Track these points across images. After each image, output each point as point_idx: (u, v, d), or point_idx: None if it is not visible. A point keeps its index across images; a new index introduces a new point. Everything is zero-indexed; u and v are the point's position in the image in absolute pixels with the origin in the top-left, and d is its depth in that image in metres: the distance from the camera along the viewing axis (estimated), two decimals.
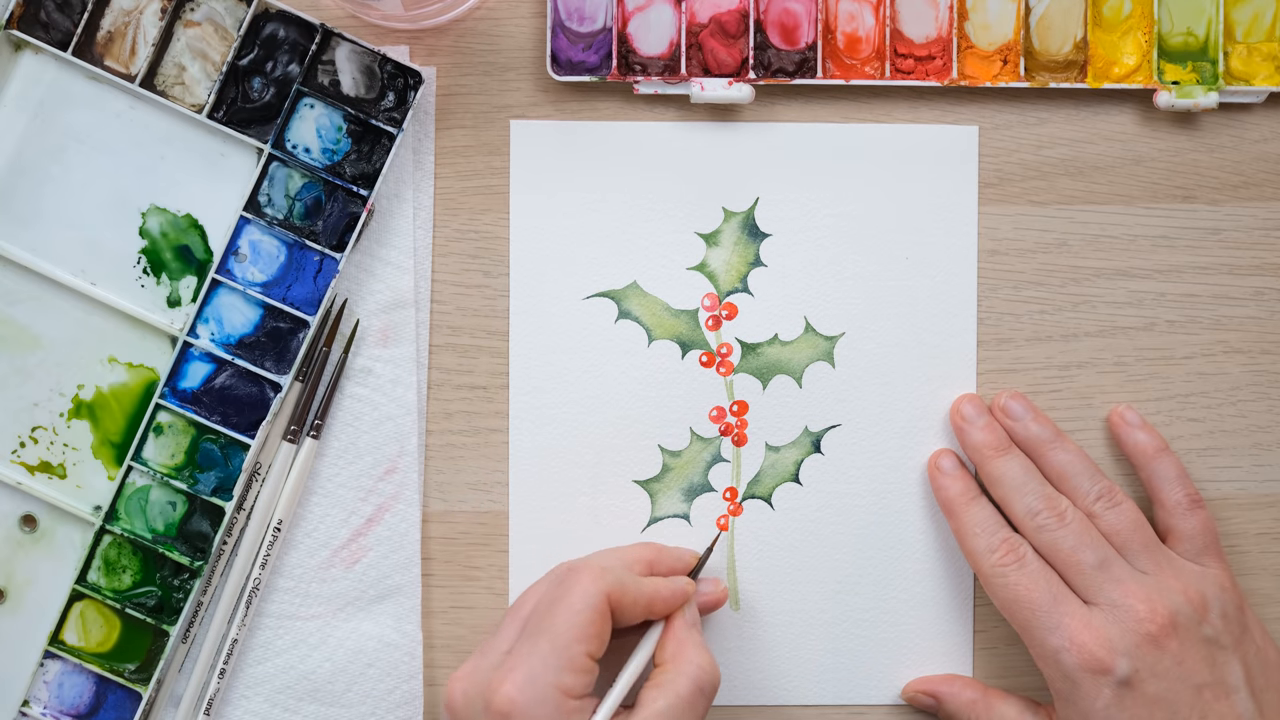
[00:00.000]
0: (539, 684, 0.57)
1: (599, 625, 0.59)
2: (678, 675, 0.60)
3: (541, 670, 0.58)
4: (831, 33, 0.68)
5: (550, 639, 0.58)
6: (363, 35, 0.67)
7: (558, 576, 0.62)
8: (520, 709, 0.57)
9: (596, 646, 0.59)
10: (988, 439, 0.66)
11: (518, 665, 0.58)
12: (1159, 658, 0.61)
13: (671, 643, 0.62)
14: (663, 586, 0.62)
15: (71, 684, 0.66)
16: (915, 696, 0.67)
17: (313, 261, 0.66)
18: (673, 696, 0.59)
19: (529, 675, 0.57)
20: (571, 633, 0.58)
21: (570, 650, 0.58)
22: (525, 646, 0.59)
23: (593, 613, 0.59)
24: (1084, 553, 0.63)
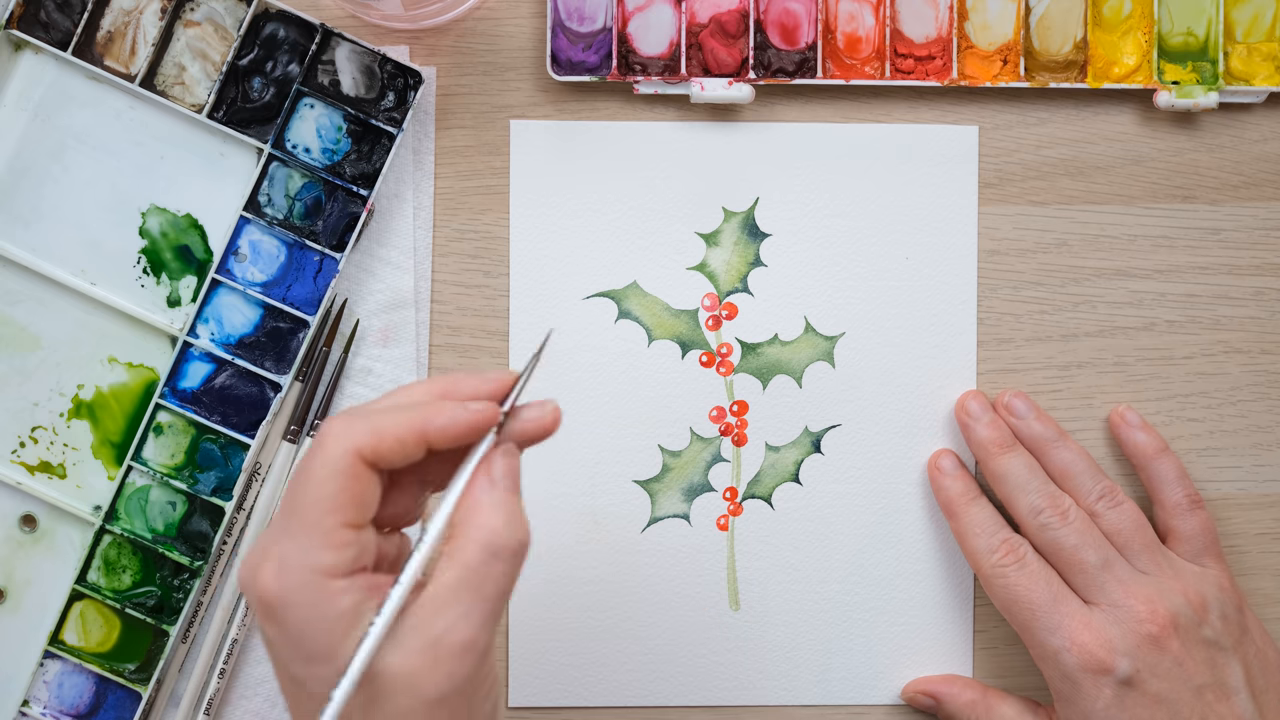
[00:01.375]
0: (293, 568, 0.49)
1: (352, 489, 0.49)
2: (466, 541, 0.50)
3: (294, 552, 0.49)
4: (831, 33, 0.68)
5: (299, 516, 0.49)
6: (363, 35, 0.67)
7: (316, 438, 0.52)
8: (280, 599, 0.49)
9: (355, 513, 0.50)
10: (992, 436, 0.66)
11: (270, 550, 0.49)
12: (1159, 658, 0.61)
13: (466, 499, 0.51)
14: (437, 414, 0.51)
15: (71, 684, 0.66)
16: (915, 697, 0.67)
17: (313, 261, 0.66)
18: (459, 567, 0.49)
19: (281, 561, 0.49)
20: (320, 505, 0.49)
21: (322, 525, 0.49)
22: (277, 527, 0.50)
23: (341, 478, 0.49)
24: (1086, 552, 0.63)
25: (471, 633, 0.49)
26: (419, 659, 0.48)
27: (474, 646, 0.49)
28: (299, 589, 0.48)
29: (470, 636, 0.49)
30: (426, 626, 0.49)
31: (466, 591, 0.49)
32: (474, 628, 0.49)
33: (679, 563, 0.68)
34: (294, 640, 0.49)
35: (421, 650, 0.48)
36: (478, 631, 0.49)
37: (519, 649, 0.68)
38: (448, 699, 0.49)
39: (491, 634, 0.50)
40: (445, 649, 0.49)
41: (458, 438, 0.51)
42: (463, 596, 0.49)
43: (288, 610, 0.48)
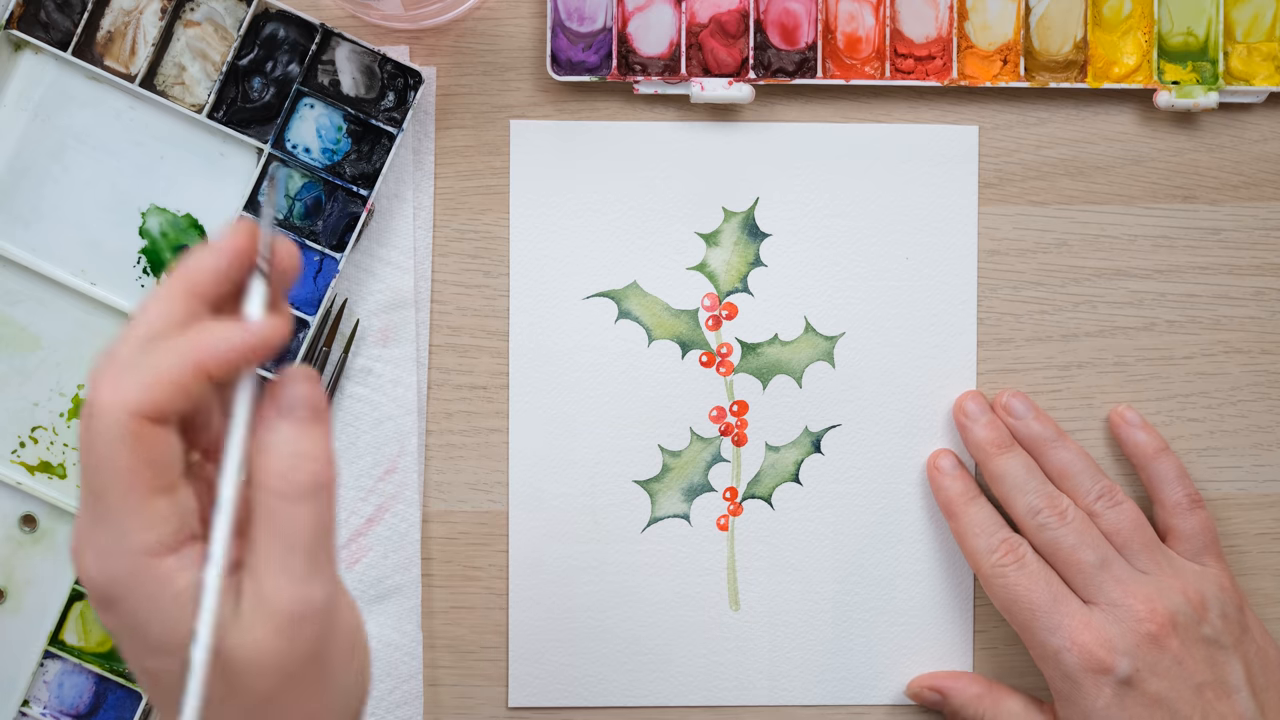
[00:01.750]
0: (114, 555, 0.43)
1: (144, 455, 0.43)
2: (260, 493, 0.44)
3: (109, 538, 0.43)
4: (831, 33, 0.68)
5: (100, 499, 0.43)
6: (363, 35, 0.67)
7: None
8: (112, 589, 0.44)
9: (157, 478, 0.43)
10: (990, 436, 0.66)
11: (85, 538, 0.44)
12: (1159, 657, 0.61)
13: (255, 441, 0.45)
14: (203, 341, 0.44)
15: (71, 684, 0.66)
16: (921, 692, 0.67)
17: (313, 261, 0.66)
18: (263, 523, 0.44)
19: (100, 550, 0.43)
20: (117, 483, 0.43)
21: (127, 503, 0.43)
22: (85, 514, 0.44)
23: (126, 447, 0.43)
24: (1084, 552, 0.63)
25: (297, 591, 0.43)
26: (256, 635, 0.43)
27: (305, 610, 0.43)
28: (127, 577, 0.43)
29: (296, 596, 0.43)
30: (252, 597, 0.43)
31: (276, 547, 0.44)
32: (297, 585, 0.43)
33: (679, 563, 0.68)
34: (136, 633, 0.44)
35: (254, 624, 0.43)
36: (302, 589, 0.43)
37: (519, 649, 0.68)
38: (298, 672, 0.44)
39: (326, 589, 0.44)
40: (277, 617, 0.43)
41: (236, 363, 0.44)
42: (275, 554, 0.43)
43: (122, 602, 0.43)
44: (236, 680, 0.43)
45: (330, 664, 0.45)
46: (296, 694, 0.44)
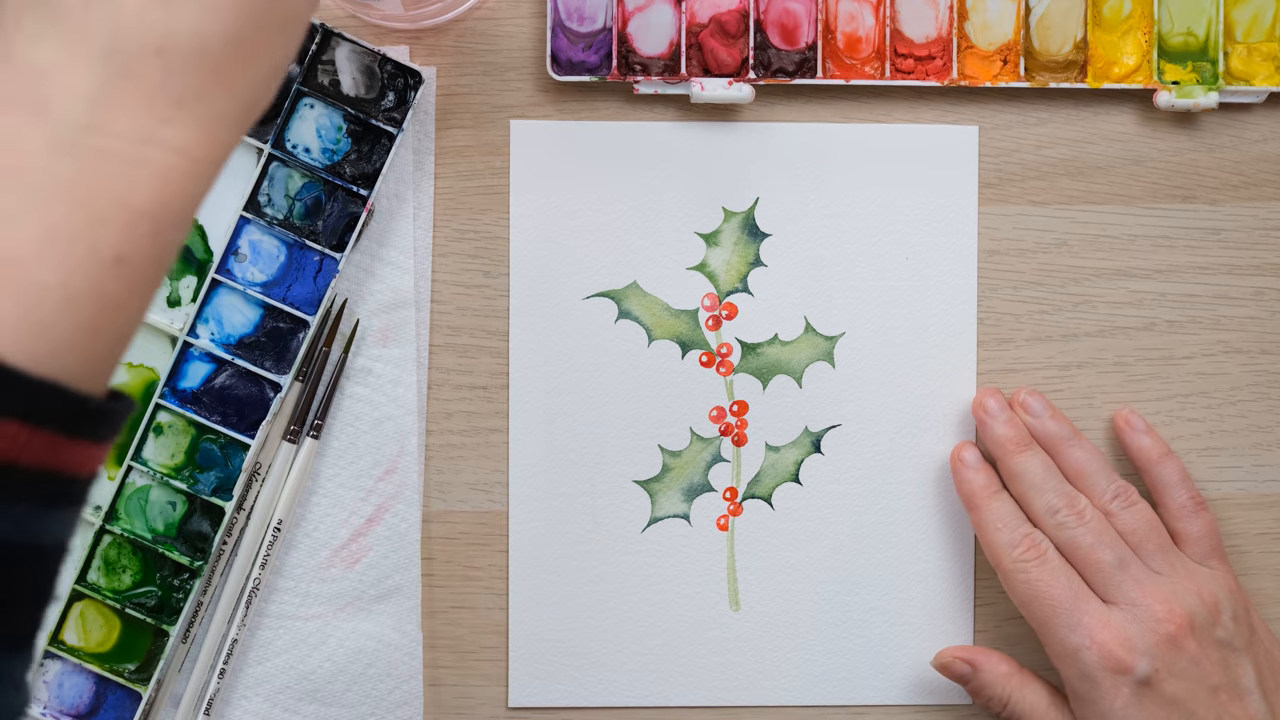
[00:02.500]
0: None
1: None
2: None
3: None
4: (831, 33, 0.68)
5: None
6: (363, 35, 0.67)
7: None
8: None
9: None
10: (1010, 434, 0.66)
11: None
12: (1177, 658, 0.61)
13: None
14: None
15: (71, 684, 0.66)
16: (951, 663, 0.66)
17: (313, 261, 0.66)
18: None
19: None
20: None
21: None
22: None
23: None
24: (1102, 551, 0.63)
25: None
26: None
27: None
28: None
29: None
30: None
31: None
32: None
33: (679, 563, 0.68)
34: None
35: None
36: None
37: (519, 649, 0.68)
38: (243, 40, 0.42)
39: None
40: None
41: None
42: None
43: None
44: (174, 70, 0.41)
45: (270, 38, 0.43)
46: None
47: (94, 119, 0.40)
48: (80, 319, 0.39)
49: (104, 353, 0.40)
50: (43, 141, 0.40)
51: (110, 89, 0.40)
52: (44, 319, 0.39)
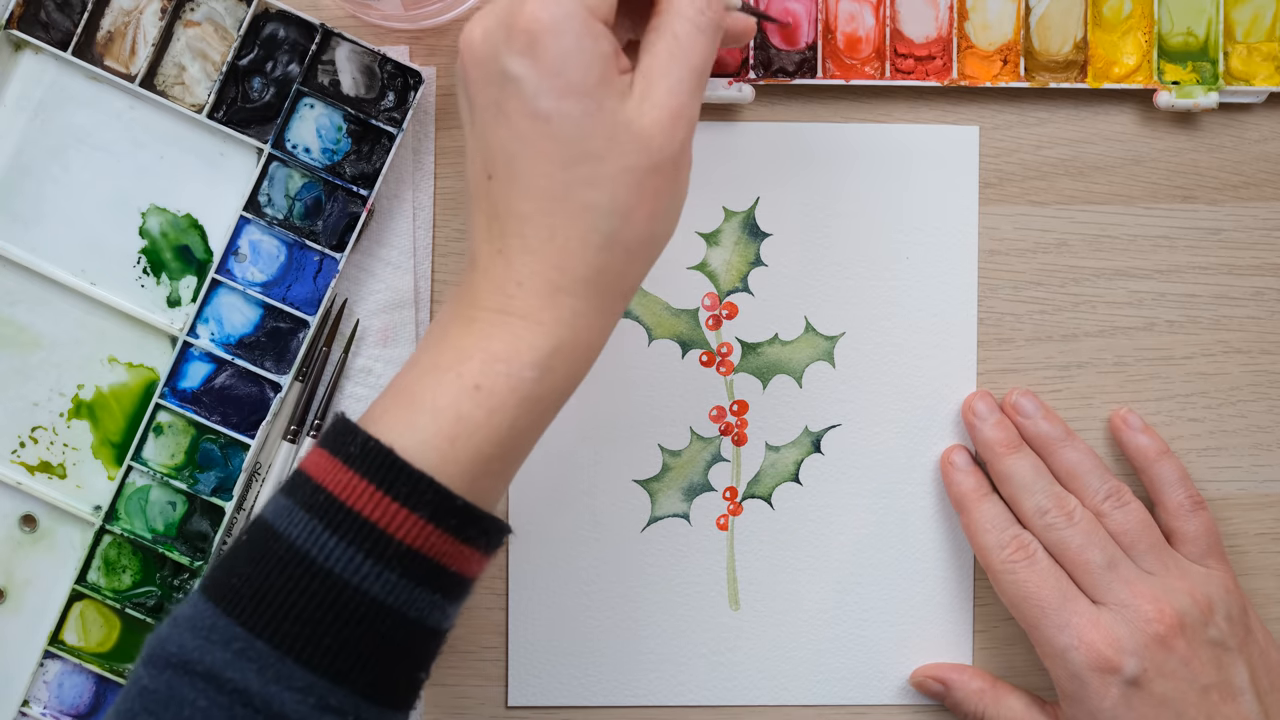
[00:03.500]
0: (562, 4, 0.52)
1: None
2: (672, 17, 0.54)
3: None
4: (831, 33, 0.68)
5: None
6: (363, 35, 0.67)
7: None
8: (546, 27, 0.52)
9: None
10: (999, 436, 0.66)
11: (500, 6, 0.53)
12: (1166, 658, 0.61)
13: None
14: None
15: (71, 684, 0.66)
16: (924, 682, 0.67)
17: (313, 261, 0.66)
18: (669, 39, 0.54)
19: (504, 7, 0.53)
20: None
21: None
22: None
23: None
24: (1092, 552, 0.63)
25: (684, 99, 0.53)
26: (645, 118, 0.52)
27: (686, 114, 0.53)
28: (568, 18, 0.52)
29: (683, 102, 0.53)
30: (647, 93, 0.53)
31: (677, 63, 0.53)
32: (685, 95, 0.53)
33: (679, 563, 0.68)
34: (554, 70, 0.52)
35: (649, 111, 0.53)
36: (688, 99, 0.53)
37: (519, 649, 0.68)
38: (665, 165, 0.53)
39: (698, 108, 0.54)
40: (667, 112, 0.53)
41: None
42: (675, 68, 0.53)
43: (556, 38, 0.52)
44: (625, 146, 0.52)
45: (682, 171, 0.54)
46: (659, 182, 0.53)
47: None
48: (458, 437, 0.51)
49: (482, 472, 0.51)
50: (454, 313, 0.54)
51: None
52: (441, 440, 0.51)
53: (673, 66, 0.53)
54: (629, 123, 0.52)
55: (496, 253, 0.53)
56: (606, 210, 0.52)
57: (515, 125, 0.52)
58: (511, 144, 0.52)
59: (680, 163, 0.54)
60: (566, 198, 0.52)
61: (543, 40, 0.52)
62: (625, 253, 0.53)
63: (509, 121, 0.52)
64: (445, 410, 0.51)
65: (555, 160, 0.52)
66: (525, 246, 0.52)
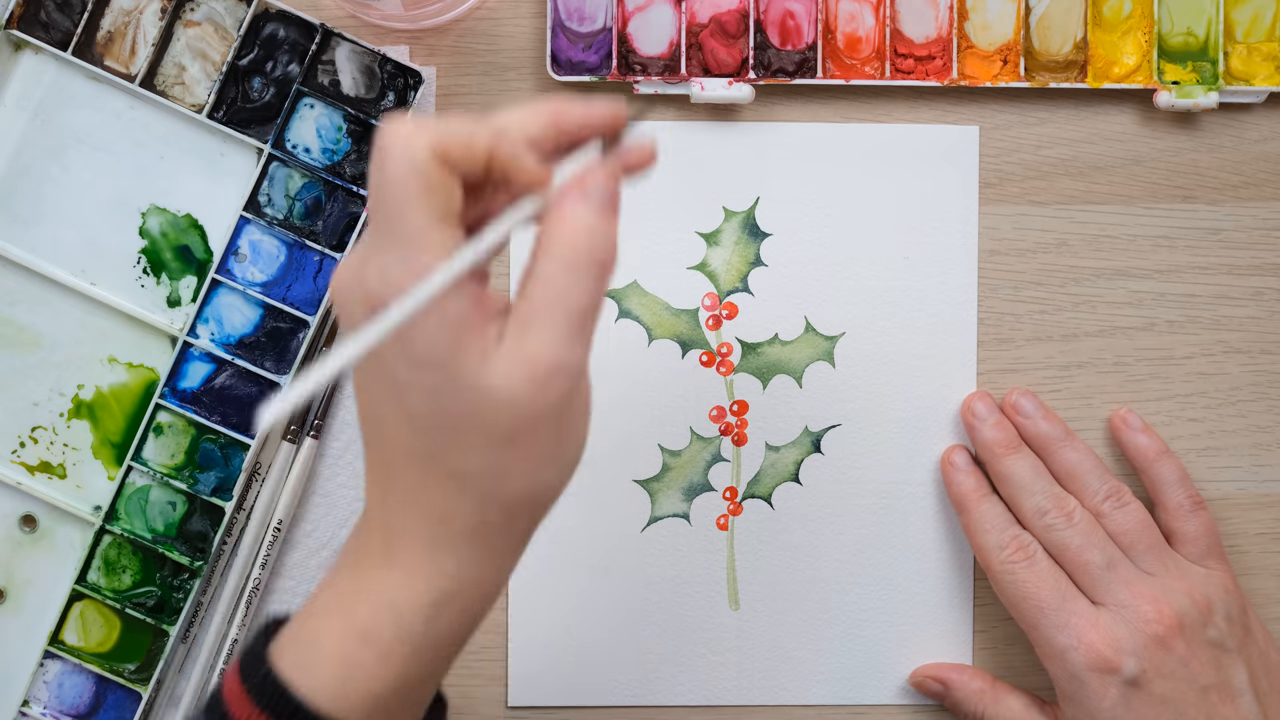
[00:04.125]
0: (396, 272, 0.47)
1: (432, 180, 0.46)
2: (546, 257, 0.48)
3: (394, 261, 0.47)
4: (831, 33, 0.68)
5: (388, 223, 0.47)
6: (363, 35, 0.67)
7: None
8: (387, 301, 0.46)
9: (441, 204, 0.47)
10: (998, 437, 0.66)
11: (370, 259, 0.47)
12: (1165, 658, 0.61)
13: (553, 212, 0.48)
14: (513, 116, 0.49)
15: (71, 684, 0.66)
16: (923, 681, 0.67)
17: (313, 261, 0.66)
18: (542, 283, 0.47)
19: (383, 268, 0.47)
20: (404, 204, 0.46)
21: (413, 224, 0.46)
22: (371, 241, 0.48)
23: (417, 172, 0.46)
24: (1091, 553, 0.63)
25: (559, 350, 0.47)
26: (513, 378, 0.47)
27: (563, 367, 0.47)
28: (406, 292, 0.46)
29: (558, 354, 0.47)
30: (517, 346, 0.47)
31: (551, 309, 0.47)
32: (560, 345, 0.47)
33: (679, 562, 0.68)
34: (402, 338, 0.46)
35: (513, 368, 0.47)
36: (564, 350, 0.47)
37: (519, 649, 0.68)
38: (540, 421, 0.48)
39: (582, 355, 0.48)
40: (536, 367, 0.47)
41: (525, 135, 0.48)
42: (548, 314, 0.47)
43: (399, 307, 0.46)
44: (485, 414, 0.47)
45: (566, 422, 0.49)
46: (532, 441, 0.48)
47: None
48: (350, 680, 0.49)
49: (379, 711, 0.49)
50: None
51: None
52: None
53: (547, 314, 0.47)
54: (491, 389, 0.47)
55: (380, 500, 0.50)
56: (476, 474, 0.48)
57: (377, 385, 0.49)
58: (378, 403, 0.49)
59: (563, 417, 0.48)
60: (432, 461, 0.48)
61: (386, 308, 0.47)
62: (505, 510, 0.49)
63: (374, 377, 0.49)
64: (334, 653, 0.49)
65: (417, 427, 0.48)
66: (405, 500, 0.49)
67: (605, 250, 0.48)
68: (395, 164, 0.46)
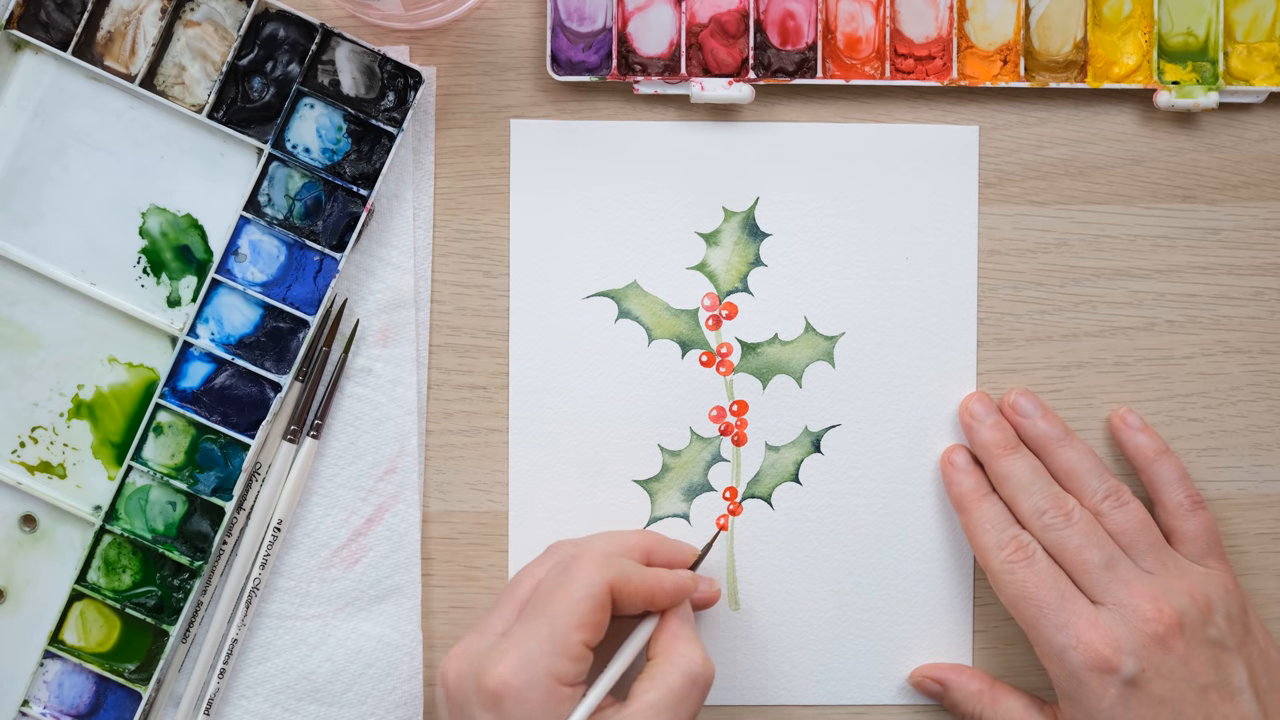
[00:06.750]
0: (534, 669, 0.57)
1: (599, 614, 0.59)
2: (670, 668, 0.59)
3: (538, 655, 0.57)
4: (831, 33, 0.68)
5: (549, 624, 0.58)
6: (363, 35, 0.67)
7: (559, 560, 0.62)
8: (513, 692, 0.57)
9: (593, 635, 0.59)
10: (996, 437, 0.66)
11: (513, 648, 0.58)
12: (1165, 658, 0.61)
13: (665, 635, 0.61)
14: (666, 579, 0.62)
15: (71, 684, 0.66)
16: (922, 682, 0.67)
17: (313, 261, 0.66)
18: (664, 689, 0.59)
19: (524, 659, 0.57)
20: (571, 620, 0.58)
21: (568, 638, 0.58)
22: (522, 629, 0.59)
23: (594, 601, 0.59)
24: (1090, 552, 0.63)
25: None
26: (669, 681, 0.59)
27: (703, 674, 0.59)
28: (533, 687, 0.57)
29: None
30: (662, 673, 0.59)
31: (665, 711, 0.58)
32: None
33: None
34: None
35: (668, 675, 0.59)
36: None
37: None
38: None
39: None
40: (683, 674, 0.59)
41: (669, 604, 0.62)
42: (662, 715, 0.58)
43: (518, 704, 0.57)
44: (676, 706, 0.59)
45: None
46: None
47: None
48: None
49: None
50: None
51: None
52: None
53: (660, 716, 0.58)
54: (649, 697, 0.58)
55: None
56: None
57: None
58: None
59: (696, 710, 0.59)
60: None
61: (505, 704, 0.57)
62: None
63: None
64: None
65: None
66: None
67: (712, 671, 0.61)
68: (582, 584, 0.59)
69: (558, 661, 0.57)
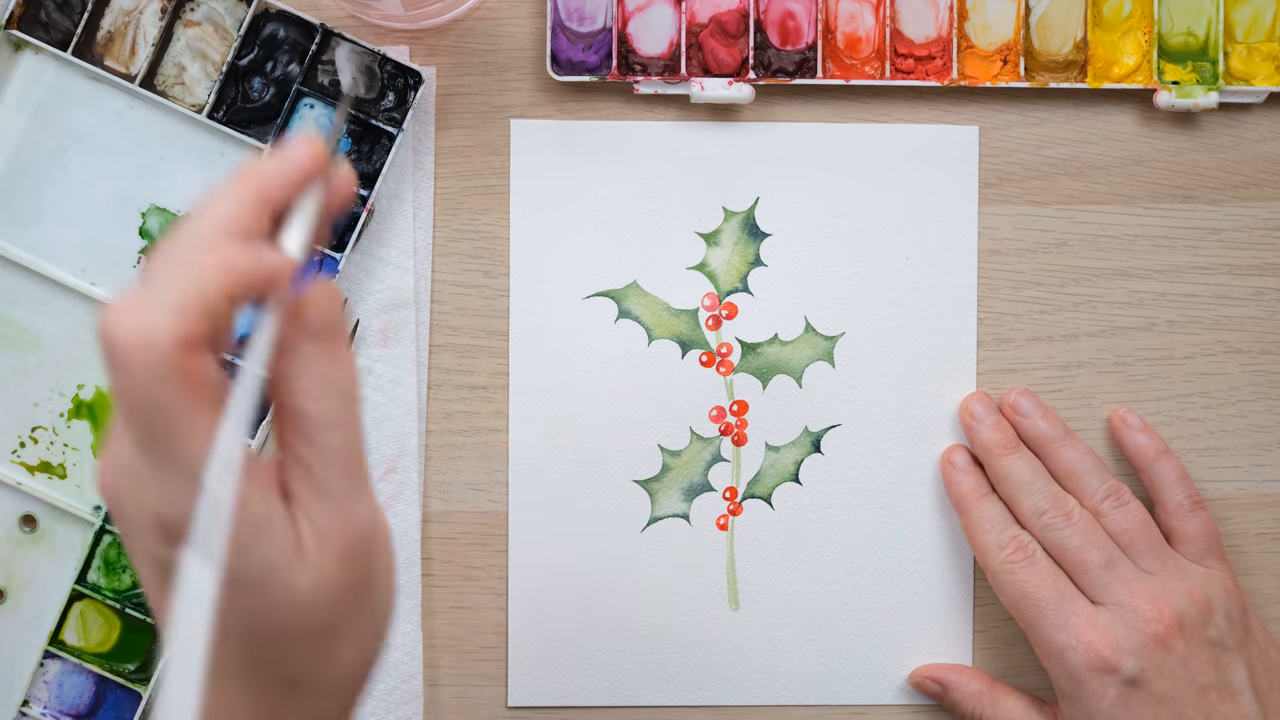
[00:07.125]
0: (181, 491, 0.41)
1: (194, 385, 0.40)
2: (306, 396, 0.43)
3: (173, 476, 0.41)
4: (831, 33, 0.68)
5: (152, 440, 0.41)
6: (363, 35, 0.67)
7: None
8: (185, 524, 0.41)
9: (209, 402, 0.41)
10: (996, 437, 0.66)
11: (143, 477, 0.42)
12: (1165, 658, 0.61)
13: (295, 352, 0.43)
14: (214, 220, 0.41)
15: (71, 684, 0.66)
16: (922, 682, 0.67)
17: (312, 262, 0.66)
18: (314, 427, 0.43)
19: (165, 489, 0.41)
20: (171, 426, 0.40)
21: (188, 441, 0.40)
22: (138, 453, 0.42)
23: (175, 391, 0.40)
24: (1090, 552, 0.63)
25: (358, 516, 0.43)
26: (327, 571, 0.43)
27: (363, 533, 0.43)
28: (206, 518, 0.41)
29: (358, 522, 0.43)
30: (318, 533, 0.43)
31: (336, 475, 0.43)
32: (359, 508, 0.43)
33: (679, 562, 0.68)
34: None
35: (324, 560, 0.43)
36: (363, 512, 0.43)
37: (519, 649, 0.68)
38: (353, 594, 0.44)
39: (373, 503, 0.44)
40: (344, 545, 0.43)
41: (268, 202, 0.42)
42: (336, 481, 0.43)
43: None
44: (305, 617, 0.43)
45: (375, 579, 0.45)
46: (352, 616, 0.44)
47: None
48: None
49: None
50: None
51: None
52: None
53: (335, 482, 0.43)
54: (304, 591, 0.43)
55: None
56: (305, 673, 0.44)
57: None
58: None
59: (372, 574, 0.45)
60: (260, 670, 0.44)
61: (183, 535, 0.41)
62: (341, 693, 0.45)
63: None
64: None
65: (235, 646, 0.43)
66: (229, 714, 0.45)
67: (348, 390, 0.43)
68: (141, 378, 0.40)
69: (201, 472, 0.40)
